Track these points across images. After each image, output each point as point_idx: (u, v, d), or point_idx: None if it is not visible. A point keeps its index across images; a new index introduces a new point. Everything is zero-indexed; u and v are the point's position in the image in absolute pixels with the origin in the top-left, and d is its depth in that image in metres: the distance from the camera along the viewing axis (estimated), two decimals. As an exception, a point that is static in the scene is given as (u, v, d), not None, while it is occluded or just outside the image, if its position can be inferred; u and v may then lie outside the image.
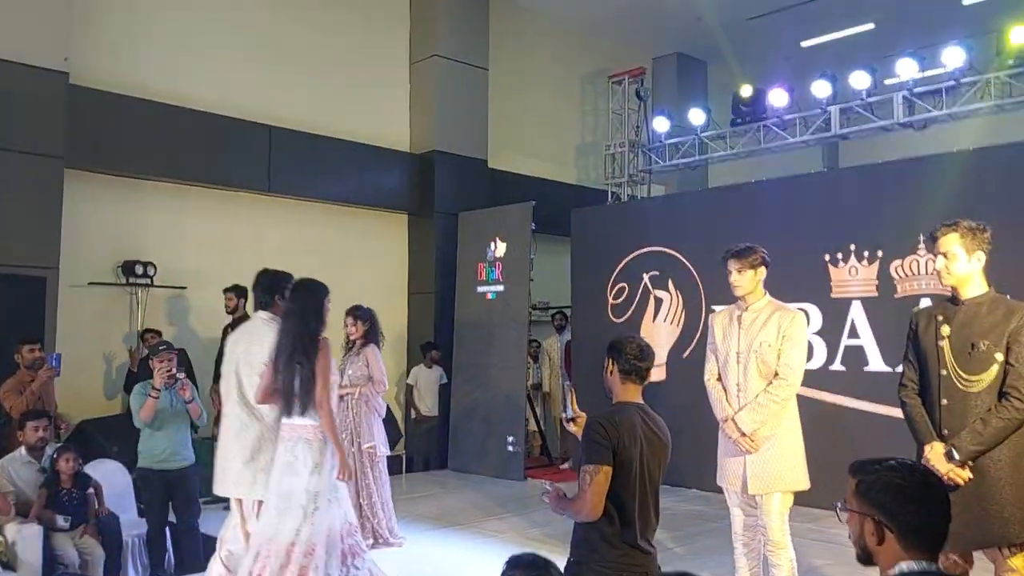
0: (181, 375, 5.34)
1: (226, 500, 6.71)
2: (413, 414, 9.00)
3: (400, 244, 9.80)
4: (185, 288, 7.91)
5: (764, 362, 3.93)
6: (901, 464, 1.67)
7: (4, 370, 5.91)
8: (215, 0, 8.33)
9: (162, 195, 7.95)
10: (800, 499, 4.05)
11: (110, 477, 5.75)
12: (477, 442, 8.61)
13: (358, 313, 5.88)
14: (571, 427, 3.31)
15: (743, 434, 3.93)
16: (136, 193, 7.78)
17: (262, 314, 4.42)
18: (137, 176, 7.75)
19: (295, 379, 3.92)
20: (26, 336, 5.96)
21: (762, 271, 4.04)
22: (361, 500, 5.60)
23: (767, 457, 3.93)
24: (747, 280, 4.00)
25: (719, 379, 4.12)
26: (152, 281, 7.61)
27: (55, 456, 5.15)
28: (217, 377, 7.03)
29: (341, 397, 5.74)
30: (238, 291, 7.05)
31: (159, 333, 7.14)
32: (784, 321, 3.94)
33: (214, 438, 7.17)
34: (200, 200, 8.18)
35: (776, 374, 3.93)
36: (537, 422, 9.58)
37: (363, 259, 9.33)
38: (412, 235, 9.81)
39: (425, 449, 9.05)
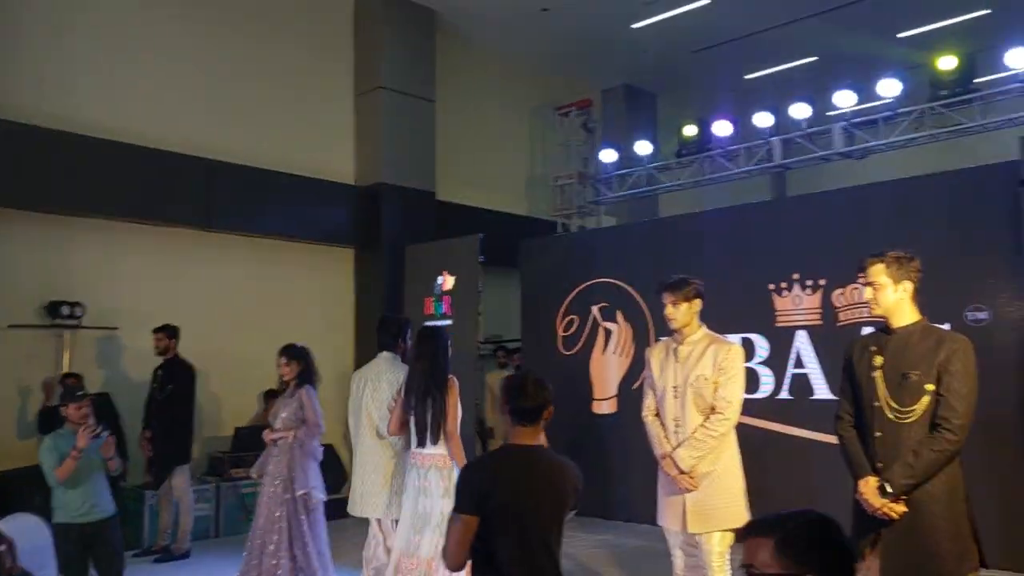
0: (105, 434, 4.99)
1: (156, 553, 6.43)
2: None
3: (346, 279, 9.60)
4: (117, 328, 7.61)
5: (701, 396, 3.84)
6: (809, 514, 1.58)
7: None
8: (149, 31, 8.14)
9: (93, 232, 7.66)
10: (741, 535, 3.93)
11: (28, 532, 5.39)
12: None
13: (291, 352, 5.64)
14: None
15: (681, 472, 3.81)
16: (65, 231, 7.49)
17: (386, 355, 5.06)
18: (66, 213, 7.46)
19: (427, 413, 4.46)
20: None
21: (697, 303, 3.96)
22: (295, 550, 5.33)
23: (706, 495, 3.82)
24: (682, 313, 3.92)
25: (657, 415, 4.00)
26: (80, 322, 7.30)
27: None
28: (147, 422, 6.79)
29: (274, 441, 5.54)
30: (168, 331, 6.80)
31: (79, 377, 6.82)
32: (720, 354, 3.85)
33: (145, 486, 6.90)
34: (134, 237, 7.91)
35: (713, 408, 3.83)
36: (486, 459, 9.38)
37: (308, 295, 9.12)
38: (358, 269, 9.62)
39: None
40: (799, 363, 6.67)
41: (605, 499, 7.70)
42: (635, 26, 10.34)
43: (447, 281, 8.68)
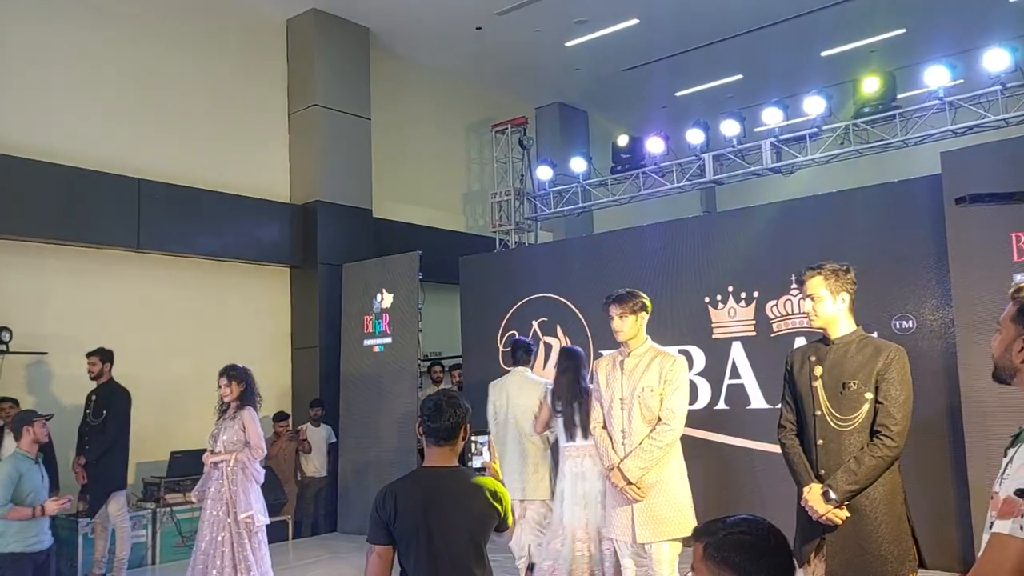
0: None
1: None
2: (299, 476, 8.59)
3: (282, 298, 9.45)
4: (46, 353, 7.32)
5: (647, 407, 3.91)
6: (743, 519, 1.62)
7: None
8: (75, 47, 7.91)
9: (18, 255, 7.37)
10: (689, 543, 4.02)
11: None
12: (368, 502, 8.25)
13: (232, 373, 5.53)
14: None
15: (629, 482, 3.88)
16: (-13, 253, 7.20)
17: (521, 369, 5.96)
18: (-11, 235, 7.18)
19: (576, 414, 5.00)
20: None
21: (643, 316, 4.04)
22: (239, 574, 5.23)
23: (654, 505, 3.89)
24: (628, 325, 4.00)
25: (604, 426, 4.06)
26: (7, 347, 7.00)
27: None
28: (80, 448, 6.54)
29: (216, 464, 5.41)
30: (103, 355, 6.58)
31: (16, 402, 6.58)
32: (665, 365, 3.94)
33: (78, 514, 6.63)
34: (62, 259, 7.64)
35: (659, 419, 3.91)
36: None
37: (243, 315, 8.94)
38: (295, 288, 9.49)
39: (313, 512, 8.63)
40: (735, 374, 6.85)
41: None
42: (568, 44, 10.52)
43: (386, 299, 8.63)
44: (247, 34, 9.35)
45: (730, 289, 6.89)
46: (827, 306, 3.18)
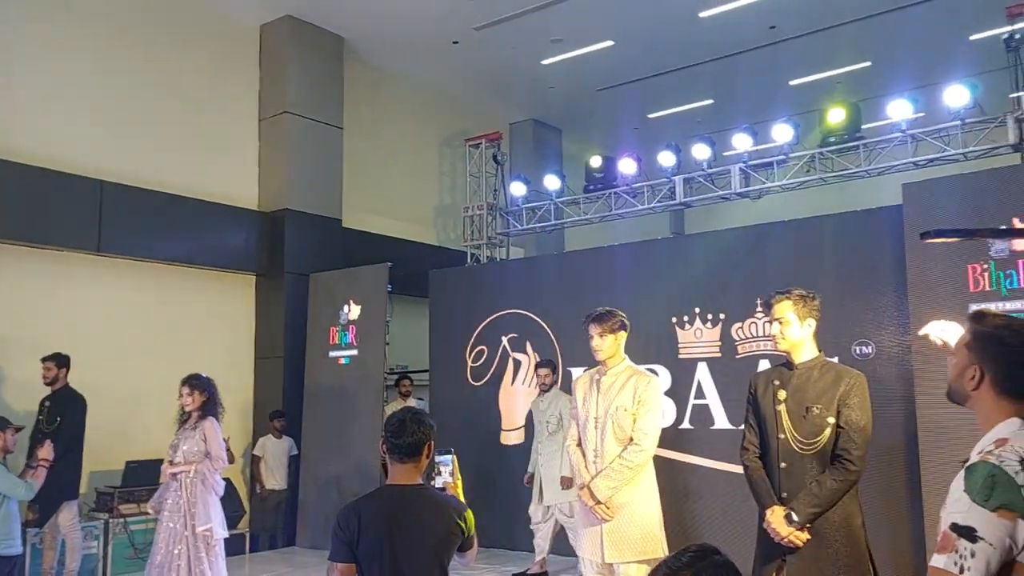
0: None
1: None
2: (259, 488, 8.46)
3: (247, 307, 9.33)
4: (-3, 357, 7.15)
5: (620, 427, 3.93)
6: (693, 557, 1.58)
7: None
8: (40, 44, 7.76)
9: (-26, 254, 7.21)
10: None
11: None
12: (329, 516, 8.15)
13: (195, 383, 5.45)
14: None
15: (598, 501, 3.88)
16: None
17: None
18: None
19: None
20: None
21: (622, 335, 4.07)
22: (191, 590, 5.13)
23: (622, 525, 3.89)
24: (608, 344, 4.02)
25: (579, 444, 4.07)
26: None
27: None
28: (33, 455, 6.36)
29: (174, 475, 5.32)
30: (58, 360, 6.45)
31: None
32: (640, 385, 3.96)
33: (28, 523, 6.44)
34: (18, 261, 7.46)
35: (631, 439, 3.92)
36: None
37: (206, 323, 8.80)
38: (260, 297, 9.37)
39: (272, 525, 8.50)
40: (700, 394, 6.91)
41: (512, 530, 7.72)
42: (544, 62, 10.60)
43: (353, 310, 8.57)
44: (220, 38, 9.28)
45: (697, 310, 6.96)
46: (794, 330, 3.23)
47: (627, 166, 8.68)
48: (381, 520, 2.66)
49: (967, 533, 1.58)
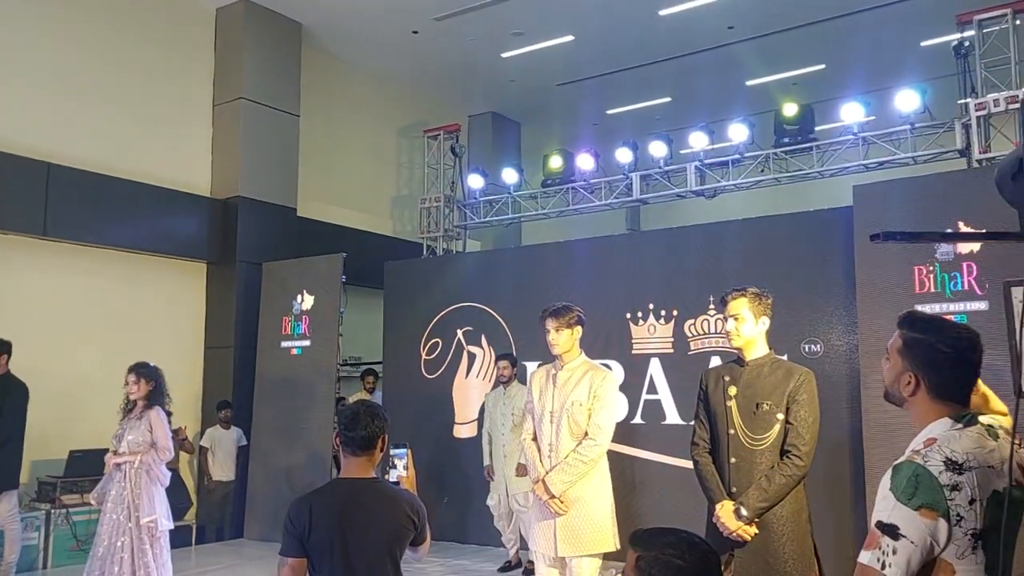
0: None
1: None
2: (206, 480, 8.32)
3: (197, 295, 9.14)
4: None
5: (575, 421, 3.94)
6: (682, 540, 1.64)
7: None
8: (-12, 22, 7.51)
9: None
10: (611, 556, 4.04)
11: None
12: (279, 508, 8.05)
13: (142, 371, 5.32)
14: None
15: (552, 496, 3.89)
16: None
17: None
18: None
19: None
20: None
21: (578, 330, 4.08)
22: (138, 581, 5.02)
23: (576, 519, 3.90)
24: (564, 339, 4.02)
25: (535, 438, 4.08)
26: None
27: None
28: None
29: (118, 465, 5.19)
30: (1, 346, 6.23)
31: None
32: (595, 380, 3.97)
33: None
34: (-42, 242, 7.22)
35: (586, 434, 3.94)
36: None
37: (155, 311, 8.61)
38: (210, 285, 9.19)
39: (219, 517, 8.37)
40: (652, 389, 6.98)
41: (463, 523, 7.72)
42: (504, 56, 10.58)
43: (306, 300, 8.46)
44: (175, 20, 9.05)
45: (651, 306, 7.02)
46: (748, 327, 3.28)
47: (585, 162, 8.71)
48: (333, 514, 2.63)
49: (890, 531, 1.62)
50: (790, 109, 7.54)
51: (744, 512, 3.09)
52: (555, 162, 8.95)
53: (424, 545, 2.86)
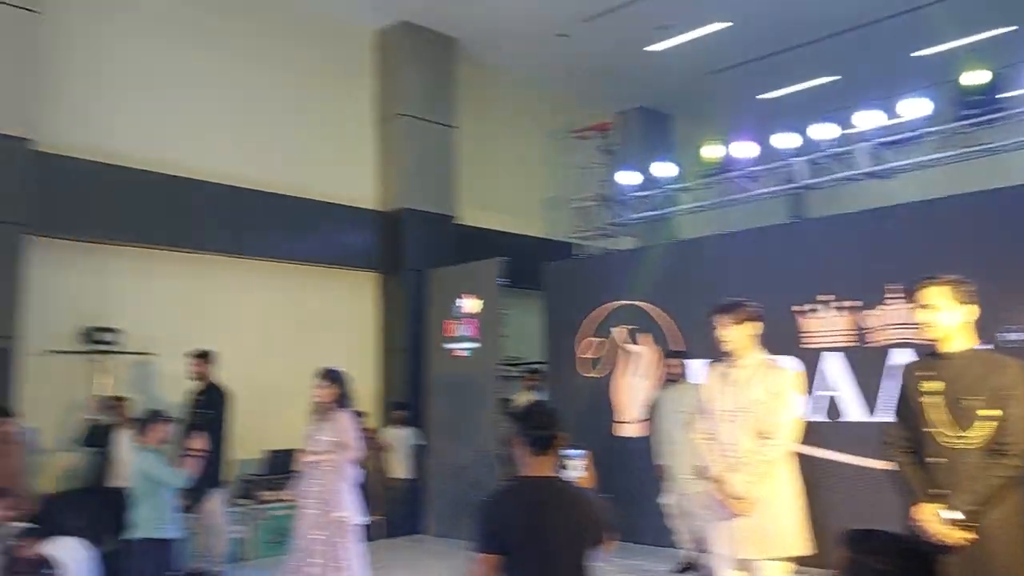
0: None
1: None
2: (385, 478, 8.77)
3: (370, 303, 9.68)
4: (153, 354, 7.69)
5: (753, 420, 3.85)
6: (893, 541, 1.57)
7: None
8: (178, 64, 8.29)
9: (128, 259, 7.79)
10: (807, 562, 3.92)
11: (72, 556, 5.45)
12: (453, 505, 8.39)
13: (329, 376, 5.70)
14: None
15: (734, 497, 3.82)
16: (101, 258, 7.63)
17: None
18: (102, 241, 7.61)
19: None
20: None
21: (750, 326, 3.99)
22: (335, 572, 5.38)
23: (761, 520, 3.80)
24: (733, 335, 3.96)
25: (709, 438, 4.02)
26: (117, 347, 7.39)
27: (15, 542, 4.88)
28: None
29: (312, 464, 5.57)
30: (204, 356, 6.89)
31: (123, 400, 6.99)
32: (773, 378, 3.88)
33: (183, 509, 6.94)
34: (167, 264, 8.03)
35: (765, 433, 3.84)
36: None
37: (333, 319, 9.20)
38: (382, 294, 9.71)
39: (399, 513, 8.80)
40: (824, 384, 6.68)
41: (632, 523, 7.68)
42: (650, 49, 10.46)
43: (469, 304, 8.75)
44: (338, 47, 9.63)
45: (824, 298, 6.72)
46: (945, 316, 3.07)
47: (744, 150, 8.48)
48: (526, 512, 2.72)
49: None
50: (976, 77, 6.93)
51: (952, 515, 2.88)
52: (711, 152, 8.75)
53: (609, 543, 2.91)
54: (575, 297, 8.70)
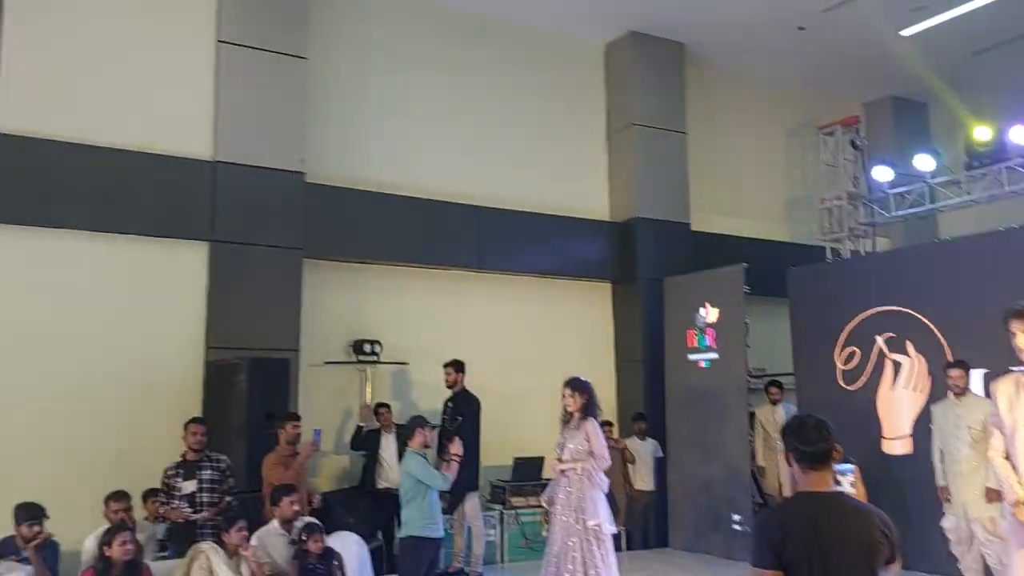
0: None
1: (451, 574, 6.77)
2: (628, 488, 8.73)
3: (605, 313, 9.73)
4: (408, 364, 8.25)
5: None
6: None
7: (257, 445, 6.37)
8: (423, 93, 8.86)
9: (385, 277, 8.43)
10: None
11: (349, 549, 5.95)
12: (699, 519, 8.18)
13: (576, 385, 5.77)
14: None
15: (1040, 520, 3.40)
16: (363, 276, 8.32)
17: None
18: (363, 261, 8.30)
19: None
20: (289, 413, 6.42)
21: (1054, 332, 3.54)
22: (589, 579, 5.43)
23: (1073, 548, 3.36)
24: (1034, 342, 3.53)
25: (1007, 456, 3.61)
26: (379, 358, 8.01)
27: (305, 536, 5.39)
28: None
29: (564, 472, 5.67)
30: (457, 366, 7.26)
31: (388, 407, 7.53)
32: (1082, 388, 3.41)
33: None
34: (418, 280, 8.60)
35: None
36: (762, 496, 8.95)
37: (569, 329, 9.35)
38: (616, 303, 9.72)
39: (643, 525, 8.73)
40: None
41: (906, 548, 7.04)
42: (903, 33, 9.64)
43: (710, 313, 8.50)
44: (570, 63, 9.83)
45: None
46: None
47: (1021, 135, 7.54)
48: (807, 527, 2.60)
49: None
50: None
51: None
52: (982, 134, 7.87)
53: (897, 564, 2.69)
54: (825, 303, 8.17)
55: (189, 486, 5.84)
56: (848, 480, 5.69)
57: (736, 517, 7.75)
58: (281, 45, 7.78)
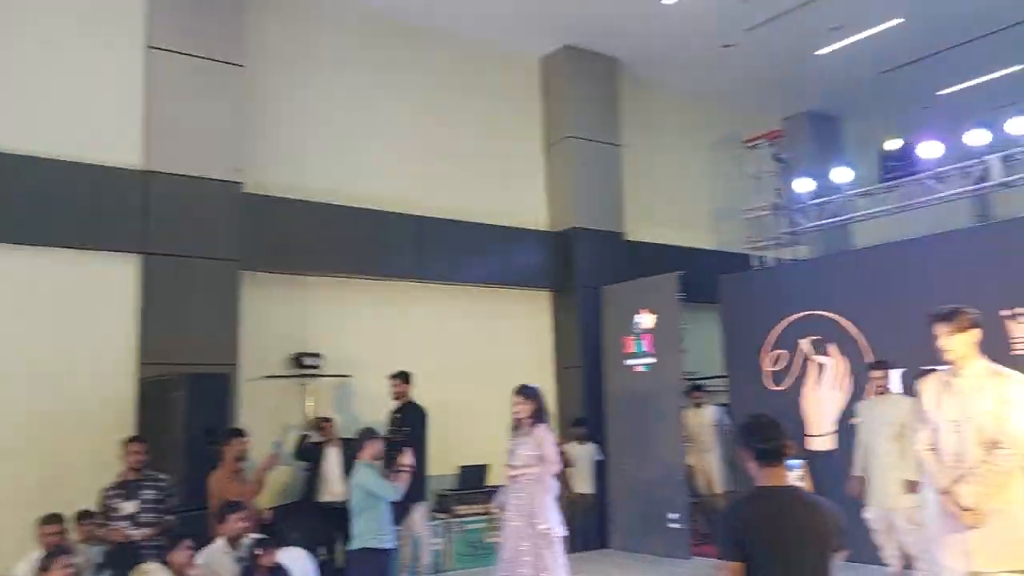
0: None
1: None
2: (567, 493, 8.90)
3: (545, 321, 9.92)
4: (351, 376, 8.23)
5: (983, 430, 3.73)
6: None
7: (197, 462, 6.27)
8: (365, 104, 8.88)
9: (325, 289, 8.39)
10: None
11: (298, 565, 5.93)
12: (638, 519, 8.43)
13: (526, 391, 5.93)
14: None
15: (964, 508, 3.70)
16: (302, 288, 8.25)
17: None
18: (303, 272, 8.24)
19: None
20: (234, 429, 6.38)
21: (973, 333, 3.88)
22: (542, 583, 5.56)
23: (995, 532, 3.67)
24: (957, 344, 3.85)
25: (933, 449, 3.92)
26: (320, 371, 7.97)
27: (256, 551, 5.35)
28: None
29: (514, 478, 5.80)
30: (403, 377, 7.31)
31: (331, 420, 7.51)
32: (1002, 385, 3.75)
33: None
34: (359, 291, 8.58)
35: (997, 442, 3.70)
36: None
37: (511, 337, 9.49)
38: (556, 312, 9.92)
39: (583, 528, 8.91)
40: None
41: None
42: (818, 53, 10.19)
43: (646, 319, 8.78)
44: (507, 73, 10.01)
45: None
46: None
47: (930, 149, 8.08)
48: (769, 519, 2.78)
49: None
50: None
51: None
52: (891, 144, 8.41)
53: (843, 552, 2.91)
54: (753, 309, 8.56)
55: (129, 507, 5.68)
56: (796, 474, 5.98)
57: (672, 516, 8.03)
58: (215, 52, 7.68)
